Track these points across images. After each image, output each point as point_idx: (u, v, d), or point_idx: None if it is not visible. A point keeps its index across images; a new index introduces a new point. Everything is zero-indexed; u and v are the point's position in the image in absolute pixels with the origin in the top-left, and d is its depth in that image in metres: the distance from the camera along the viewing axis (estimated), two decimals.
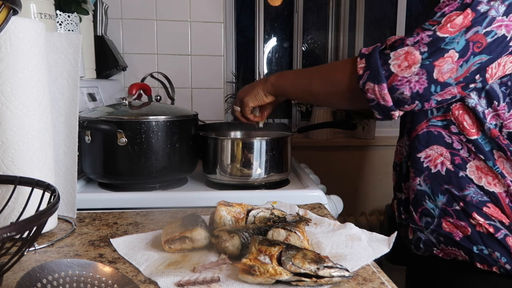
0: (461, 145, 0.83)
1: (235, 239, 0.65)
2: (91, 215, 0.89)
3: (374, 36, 2.55)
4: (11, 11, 0.54)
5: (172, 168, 1.06)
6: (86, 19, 1.40)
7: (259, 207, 0.78)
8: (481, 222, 0.81)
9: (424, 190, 0.87)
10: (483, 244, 0.81)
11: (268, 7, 2.41)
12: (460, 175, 0.82)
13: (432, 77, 0.74)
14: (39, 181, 0.65)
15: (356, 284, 0.59)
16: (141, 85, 1.19)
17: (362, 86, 0.79)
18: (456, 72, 0.74)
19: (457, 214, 0.83)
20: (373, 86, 0.77)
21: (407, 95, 0.76)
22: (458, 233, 0.83)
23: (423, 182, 0.87)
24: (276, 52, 2.52)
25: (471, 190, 0.82)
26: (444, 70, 0.74)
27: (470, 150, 0.82)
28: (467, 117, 0.81)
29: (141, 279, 0.60)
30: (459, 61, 0.73)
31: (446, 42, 0.73)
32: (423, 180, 0.87)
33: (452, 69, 0.74)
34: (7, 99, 0.69)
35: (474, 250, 0.82)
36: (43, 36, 0.74)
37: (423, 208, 0.87)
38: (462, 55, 0.73)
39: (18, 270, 0.62)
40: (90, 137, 1.01)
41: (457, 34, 0.73)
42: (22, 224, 0.44)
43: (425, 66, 0.74)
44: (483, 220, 0.81)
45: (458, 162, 0.83)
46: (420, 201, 0.88)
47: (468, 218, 0.82)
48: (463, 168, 0.82)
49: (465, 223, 0.82)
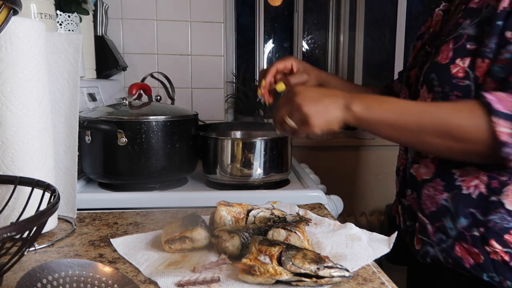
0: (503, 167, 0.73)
1: (235, 239, 0.65)
2: (91, 215, 0.89)
3: (374, 36, 2.55)
4: (11, 11, 0.54)
5: (172, 168, 1.06)
6: (86, 19, 1.40)
7: (259, 207, 0.78)
8: (498, 250, 0.76)
9: (448, 207, 0.80)
10: (495, 271, 0.77)
11: (268, 7, 2.40)
12: (491, 199, 0.76)
13: None
14: (39, 181, 0.65)
15: (356, 284, 0.59)
16: (141, 85, 1.19)
17: (507, 155, 0.66)
18: None
19: (474, 240, 0.78)
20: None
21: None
22: (469, 260, 0.78)
23: (450, 199, 0.80)
24: (276, 52, 2.52)
25: (497, 215, 0.76)
26: None
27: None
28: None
29: (141, 279, 0.60)
30: None
31: None
32: (450, 197, 0.80)
33: None
34: (7, 99, 0.69)
35: (483, 277, 0.78)
36: (43, 36, 0.74)
37: (441, 224, 0.82)
38: None
39: (18, 270, 0.62)
40: (90, 137, 1.01)
41: None
42: (22, 224, 0.44)
43: None
44: (500, 248, 0.76)
45: (494, 186, 0.76)
46: (440, 216, 0.82)
47: (484, 246, 0.77)
48: (497, 193, 0.75)
49: (479, 251, 0.77)
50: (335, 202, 1.14)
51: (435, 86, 0.80)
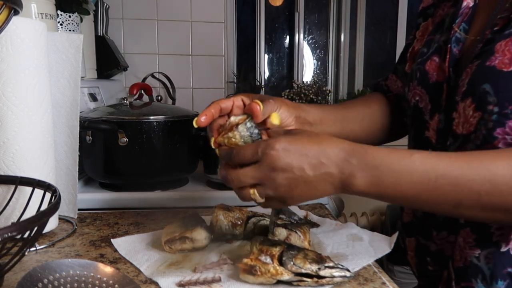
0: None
1: None
2: (92, 215, 0.89)
3: (375, 36, 2.54)
4: (12, 11, 0.54)
5: (173, 168, 1.06)
6: (87, 19, 1.40)
7: (262, 214, 0.74)
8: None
9: (480, 268, 0.63)
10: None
11: (269, 7, 2.40)
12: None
13: None
14: (40, 181, 0.65)
15: (357, 284, 0.59)
16: (142, 85, 1.19)
17: None
18: None
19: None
20: None
21: None
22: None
23: (483, 258, 0.62)
24: (277, 52, 2.52)
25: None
26: None
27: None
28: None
29: (142, 279, 0.60)
30: None
31: None
32: (484, 256, 0.62)
33: None
34: (8, 99, 0.69)
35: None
36: (44, 36, 0.74)
37: (470, 285, 0.64)
38: None
39: (19, 270, 0.62)
40: (91, 137, 1.01)
41: None
42: (23, 224, 0.44)
43: None
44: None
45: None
46: (469, 276, 0.64)
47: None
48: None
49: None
50: (336, 202, 1.13)
51: (490, 104, 0.58)
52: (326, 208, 0.96)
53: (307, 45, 2.53)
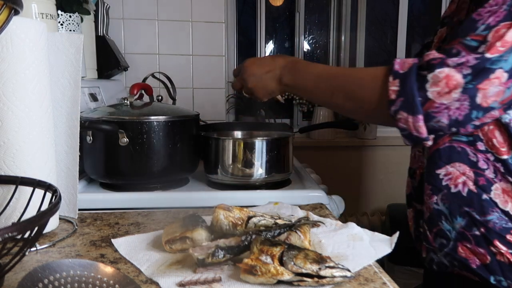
0: (488, 164, 0.73)
1: None
2: (93, 215, 0.89)
3: (376, 36, 2.54)
4: (12, 11, 0.54)
5: (173, 168, 1.06)
6: (87, 19, 1.40)
7: (262, 215, 0.73)
8: (503, 251, 0.73)
9: (441, 210, 0.78)
10: (502, 275, 0.73)
11: (269, 7, 2.40)
12: (483, 198, 0.73)
13: (474, 103, 0.63)
14: (40, 181, 0.65)
15: (358, 284, 0.59)
16: (142, 85, 1.19)
17: (394, 113, 0.68)
18: (502, 95, 0.63)
19: (476, 240, 0.75)
20: (406, 117, 0.67)
21: (444, 123, 0.66)
22: (475, 260, 0.76)
23: (440, 201, 0.78)
24: (277, 52, 2.52)
25: (495, 215, 0.73)
26: (489, 94, 0.63)
27: (498, 170, 0.73)
28: (498, 134, 0.72)
29: (142, 279, 0.60)
30: (507, 83, 0.63)
31: (492, 61, 0.62)
32: (440, 199, 0.78)
33: (499, 92, 0.63)
34: (9, 99, 0.69)
35: (491, 280, 0.75)
36: (44, 36, 0.74)
37: (439, 228, 0.79)
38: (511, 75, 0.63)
39: (19, 270, 0.62)
40: (92, 137, 1.01)
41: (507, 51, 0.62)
42: (23, 224, 0.44)
43: (467, 91, 0.63)
44: (505, 249, 0.73)
45: (482, 183, 0.73)
46: (436, 221, 0.79)
47: (489, 246, 0.74)
48: (487, 190, 0.73)
49: (485, 251, 0.74)
50: (337, 202, 1.13)
51: None
52: (326, 208, 0.96)
53: (308, 45, 2.53)
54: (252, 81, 0.90)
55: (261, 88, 0.90)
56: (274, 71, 0.87)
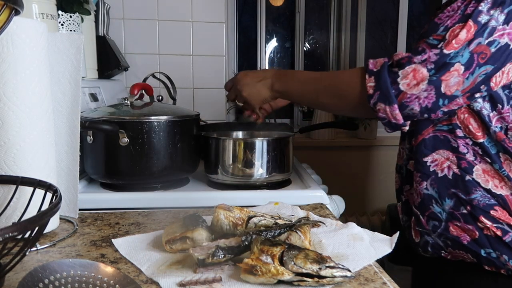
0: (467, 148, 0.83)
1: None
2: (93, 215, 0.89)
3: (376, 36, 2.54)
4: (13, 12, 0.54)
5: (173, 168, 1.06)
6: (88, 19, 1.40)
7: (263, 215, 0.74)
8: (489, 225, 0.81)
9: (431, 194, 0.87)
10: (491, 247, 0.82)
11: (269, 7, 2.40)
12: (466, 179, 0.83)
13: (440, 92, 0.76)
14: (41, 181, 0.65)
15: (358, 284, 0.59)
16: (143, 85, 1.19)
17: (373, 105, 0.80)
18: (462, 85, 0.75)
19: (465, 218, 0.83)
20: (384, 107, 0.78)
21: (416, 110, 0.78)
22: (466, 237, 0.84)
23: (429, 186, 0.87)
24: (277, 52, 2.52)
25: (478, 194, 0.82)
26: (451, 84, 0.75)
27: (477, 153, 0.82)
28: (472, 121, 0.82)
29: (143, 279, 0.60)
30: (465, 74, 0.75)
31: (451, 57, 0.74)
32: (429, 184, 0.87)
33: (459, 82, 0.75)
34: (9, 99, 0.69)
35: (481, 253, 0.82)
36: (45, 36, 0.74)
37: (430, 212, 0.88)
38: (467, 67, 0.74)
39: (20, 270, 0.62)
40: (92, 137, 1.01)
41: (461, 47, 0.74)
42: (24, 224, 0.44)
43: (432, 82, 0.75)
44: (490, 224, 0.81)
45: (465, 166, 0.83)
46: (427, 205, 0.88)
47: (476, 222, 0.82)
48: (469, 172, 0.83)
49: (473, 227, 0.83)
50: (337, 202, 1.13)
51: None
52: (327, 208, 0.96)
53: (308, 45, 2.53)
54: (246, 90, 0.98)
55: (254, 95, 0.98)
56: (266, 79, 0.96)
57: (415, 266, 1.06)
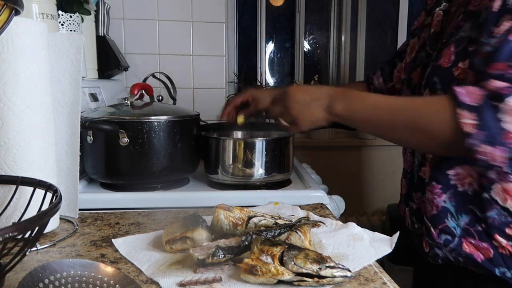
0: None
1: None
2: (93, 215, 0.89)
3: (376, 36, 2.54)
4: (13, 12, 0.54)
5: (174, 168, 1.06)
6: (88, 19, 1.40)
7: (263, 215, 0.74)
8: (504, 244, 0.77)
9: (447, 208, 0.82)
10: (506, 266, 0.78)
11: (270, 7, 2.40)
12: (483, 196, 0.78)
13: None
14: (41, 181, 0.65)
15: (358, 284, 0.59)
16: (143, 85, 1.19)
17: (471, 146, 0.67)
18: None
19: (479, 235, 0.79)
20: (485, 148, 0.67)
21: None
22: (480, 255, 0.80)
23: (448, 199, 0.82)
24: (277, 52, 2.52)
25: (494, 211, 0.78)
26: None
27: (500, 171, 0.76)
28: None
29: (143, 279, 0.60)
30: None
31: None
32: (448, 197, 0.82)
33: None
34: (9, 99, 0.69)
35: (495, 272, 0.79)
36: (45, 36, 0.74)
37: (444, 225, 0.83)
38: None
39: (20, 270, 0.62)
40: (92, 137, 1.01)
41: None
42: (24, 224, 0.44)
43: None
44: (505, 242, 0.77)
45: (483, 184, 0.78)
46: (442, 218, 0.83)
47: (491, 240, 0.79)
48: (487, 190, 0.78)
49: (488, 245, 0.79)
50: (337, 202, 1.13)
51: (438, 89, 0.81)
52: (327, 208, 0.96)
53: (308, 45, 2.53)
54: (297, 109, 0.83)
55: (306, 116, 0.83)
56: (321, 99, 0.81)
57: (416, 266, 1.06)
